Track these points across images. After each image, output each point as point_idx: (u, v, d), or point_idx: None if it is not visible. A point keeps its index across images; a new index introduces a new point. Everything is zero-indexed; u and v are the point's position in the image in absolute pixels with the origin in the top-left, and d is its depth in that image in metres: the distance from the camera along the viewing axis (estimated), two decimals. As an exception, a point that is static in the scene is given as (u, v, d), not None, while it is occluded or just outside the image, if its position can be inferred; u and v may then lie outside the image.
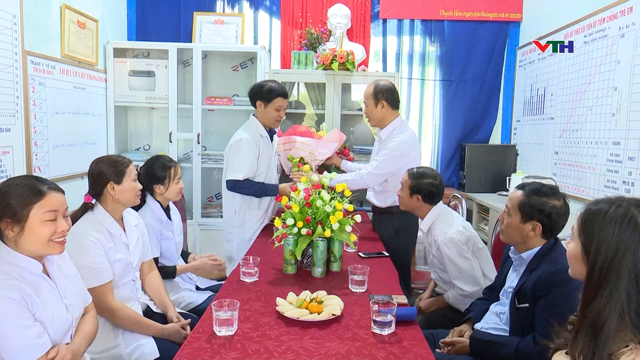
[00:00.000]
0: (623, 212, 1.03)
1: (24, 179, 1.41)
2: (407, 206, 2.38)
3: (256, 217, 2.87)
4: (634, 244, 1.00)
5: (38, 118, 2.85)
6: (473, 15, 4.16)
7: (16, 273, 1.34)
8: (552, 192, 1.69)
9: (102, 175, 1.87)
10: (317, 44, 4.00)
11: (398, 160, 2.68)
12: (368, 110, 2.80)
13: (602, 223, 1.04)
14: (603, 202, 1.08)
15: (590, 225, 1.07)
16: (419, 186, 2.30)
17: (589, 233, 1.06)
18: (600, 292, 1.01)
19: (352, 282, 1.91)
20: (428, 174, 2.34)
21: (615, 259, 1.01)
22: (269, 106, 2.78)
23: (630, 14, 2.65)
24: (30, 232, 1.35)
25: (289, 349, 1.41)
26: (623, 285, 0.99)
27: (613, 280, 1.00)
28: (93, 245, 1.78)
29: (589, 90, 3.04)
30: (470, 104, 4.28)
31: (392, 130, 2.78)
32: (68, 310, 1.45)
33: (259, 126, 2.83)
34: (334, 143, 3.17)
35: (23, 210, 1.34)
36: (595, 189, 2.93)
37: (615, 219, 1.03)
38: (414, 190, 2.31)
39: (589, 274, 1.05)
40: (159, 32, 4.16)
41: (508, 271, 1.84)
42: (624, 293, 0.98)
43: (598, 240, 1.04)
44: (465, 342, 1.78)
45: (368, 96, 2.79)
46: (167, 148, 3.82)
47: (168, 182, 2.31)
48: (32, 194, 1.36)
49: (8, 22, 2.54)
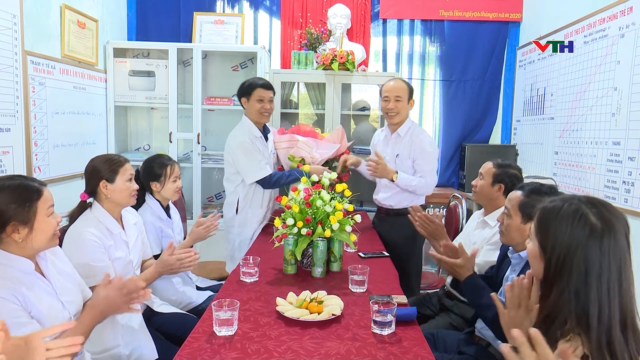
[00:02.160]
0: (575, 209, 1.06)
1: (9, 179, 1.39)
2: (485, 195, 2.29)
3: (258, 216, 2.90)
4: (585, 240, 1.03)
5: (38, 118, 2.85)
6: (473, 15, 4.16)
7: (7, 273, 1.33)
8: (552, 191, 1.69)
9: (95, 173, 1.87)
10: (317, 44, 4.00)
11: (437, 154, 2.82)
12: (401, 105, 2.75)
13: (555, 220, 1.07)
14: (557, 200, 1.11)
15: (545, 223, 1.10)
16: (505, 175, 2.23)
17: (545, 231, 1.09)
18: (555, 287, 1.04)
19: (352, 282, 1.91)
20: (513, 165, 2.31)
21: (568, 255, 1.04)
22: (251, 99, 2.83)
23: (630, 14, 2.65)
24: (39, 230, 1.37)
25: (289, 349, 1.41)
26: (574, 279, 1.02)
27: (566, 276, 1.03)
28: (93, 242, 1.78)
29: (589, 90, 3.04)
30: (470, 104, 4.28)
31: (409, 127, 2.81)
32: (64, 307, 1.45)
33: (252, 127, 2.86)
34: (336, 145, 3.15)
35: (29, 211, 1.35)
36: (595, 189, 2.93)
37: (568, 215, 1.06)
38: (498, 179, 2.24)
39: (545, 270, 1.09)
40: (159, 32, 4.15)
41: (506, 271, 1.84)
42: (573, 289, 1.02)
43: (553, 237, 1.07)
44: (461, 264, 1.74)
45: (403, 91, 2.76)
46: (167, 148, 3.82)
47: (164, 179, 2.32)
48: (31, 193, 1.37)
49: (8, 22, 2.54)
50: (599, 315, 0.99)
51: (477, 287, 1.70)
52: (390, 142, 2.87)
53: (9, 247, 1.36)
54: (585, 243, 1.03)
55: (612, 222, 1.04)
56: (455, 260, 1.75)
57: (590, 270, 1.01)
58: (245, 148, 2.78)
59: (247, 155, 2.79)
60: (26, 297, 1.33)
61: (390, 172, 2.72)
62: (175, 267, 1.87)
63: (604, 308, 0.99)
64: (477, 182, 2.34)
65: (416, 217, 2.17)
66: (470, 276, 1.72)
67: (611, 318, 0.99)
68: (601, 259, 1.01)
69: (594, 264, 1.01)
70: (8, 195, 1.34)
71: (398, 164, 2.80)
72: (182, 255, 1.88)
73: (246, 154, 2.79)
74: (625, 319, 1.00)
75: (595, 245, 1.02)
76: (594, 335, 0.98)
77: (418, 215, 2.16)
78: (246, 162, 2.80)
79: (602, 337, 0.97)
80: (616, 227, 1.04)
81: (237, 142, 2.80)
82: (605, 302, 1.00)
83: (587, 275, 1.01)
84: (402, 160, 2.80)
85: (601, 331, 0.98)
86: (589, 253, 1.02)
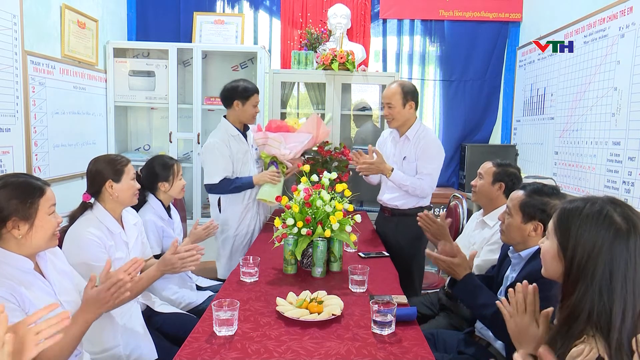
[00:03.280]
0: (598, 209, 1.06)
1: (14, 176, 1.41)
2: (485, 195, 2.28)
3: (237, 214, 2.91)
4: (610, 240, 1.03)
5: (38, 118, 2.85)
6: (473, 15, 4.16)
7: (6, 272, 1.33)
8: (554, 192, 1.69)
9: (100, 174, 1.87)
10: (317, 44, 4.00)
11: (441, 159, 2.74)
12: (395, 111, 2.71)
13: (578, 220, 1.07)
14: (578, 201, 1.11)
15: (566, 223, 1.09)
16: (505, 174, 2.24)
17: (566, 231, 1.09)
18: (578, 287, 1.04)
19: (352, 282, 1.91)
20: (512, 164, 2.30)
21: (592, 255, 1.03)
22: (247, 104, 2.84)
23: (630, 14, 2.65)
24: (39, 228, 1.38)
25: (289, 349, 1.41)
26: (597, 280, 1.02)
27: (589, 276, 1.03)
28: (93, 242, 1.78)
29: (589, 90, 3.04)
30: (470, 104, 4.28)
31: (417, 130, 2.76)
32: (63, 306, 1.44)
33: (229, 127, 2.87)
34: (309, 135, 3.04)
35: (31, 207, 1.37)
36: (595, 189, 2.93)
37: (592, 216, 1.05)
38: (498, 178, 2.24)
39: (566, 270, 1.08)
40: (159, 32, 4.15)
41: (506, 270, 1.84)
42: (597, 288, 1.01)
43: (575, 238, 1.06)
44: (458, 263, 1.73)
45: (395, 96, 2.71)
46: (167, 148, 3.82)
47: (172, 178, 2.36)
48: (34, 190, 1.39)
49: (8, 22, 2.54)
50: (622, 316, 0.98)
51: (475, 286, 1.70)
52: (398, 144, 2.83)
53: (8, 244, 1.36)
54: (612, 243, 1.02)
55: (637, 222, 1.04)
56: (453, 259, 1.74)
57: (616, 270, 1.01)
58: (211, 150, 2.81)
59: (210, 157, 2.82)
60: (24, 296, 1.32)
61: (387, 169, 2.69)
62: (177, 266, 1.84)
63: (628, 308, 0.99)
64: (477, 182, 2.33)
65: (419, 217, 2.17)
66: (468, 275, 1.72)
67: (635, 320, 0.99)
68: (627, 258, 1.01)
69: (620, 264, 1.01)
70: (11, 191, 1.35)
71: (405, 166, 2.75)
72: (184, 254, 1.84)
73: (207, 156, 2.83)
74: None
75: (621, 245, 1.02)
76: (614, 336, 0.97)
77: (420, 215, 2.16)
78: (207, 163, 2.84)
79: (623, 338, 0.97)
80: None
81: (207, 143, 2.83)
82: (629, 303, 1.00)
83: (612, 274, 1.01)
84: (409, 163, 2.75)
85: (622, 333, 0.97)
86: (616, 253, 1.02)
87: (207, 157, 2.84)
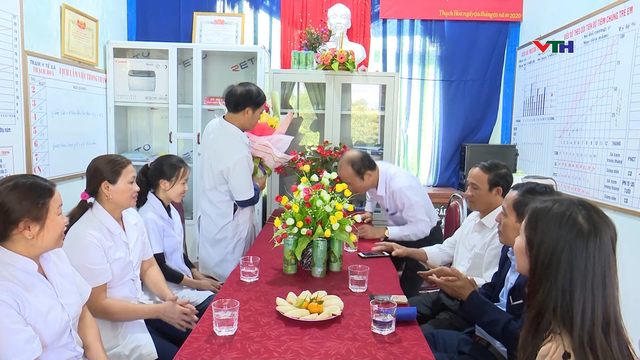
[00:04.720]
0: (564, 209, 1.09)
1: (22, 178, 1.41)
2: (484, 203, 2.26)
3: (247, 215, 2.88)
4: (571, 241, 1.05)
5: (38, 118, 2.85)
6: (473, 15, 4.16)
7: (10, 274, 1.33)
8: (547, 190, 1.70)
9: (97, 173, 1.87)
10: (317, 44, 4.00)
11: (419, 196, 2.84)
12: (354, 188, 2.70)
13: (545, 219, 1.10)
14: (549, 201, 1.14)
15: (535, 221, 1.12)
16: (499, 177, 2.23)
17: (533, 228, 1.12)
18: (542, 285, 1.07)
19: (352, 282, 1.91)
20: (499, 163, 2.29)
21: (554, 254, 1.06)
22: (257, 111, 2.72)
23: (630, 14, 2.65)
24: (50, 228, 1.40)
25: (288, 349, 1.41)
26: (560, 278, 1.04)
27: (553, 275, 1.05)
28: (93, 245, 1.77)
29: (589, 90, 3.04)
30: (470, 104, 4.28)
31: (384, 187, 2.89)
32: (64, 309, 1.45)
33: (242, 134, 2.73)
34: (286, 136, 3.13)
35: (43, 208, 1.38)
36: (595, 189, 2.93)
37: (557, 216, 1.09)
38: (494, 184, 2.23)
39: (532, 267, 1.11)
40: (159, 32, 4.15)
41: (507, 272, 1.84)
42: (560, 286, 1.04)
43: (541, 235, 1.10)
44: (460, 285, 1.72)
45: (348, 178, 2.78)
46: (167, 148, 3.82)
47: (175, 179, 2.35)
48: (44, 191, 1.39)
49: (8, 22, 2.54)
50: (582, 314, 1.01)
51: (481, 303, 1.70)
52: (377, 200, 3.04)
53: (16, 245, 1.37)
54: (572, 243, 1.05)
55: (600, 225, 1.06)
56: (455, 282, 1.74)
57: (576, 270, 1.04)
58: (243, 165, 2.66)
59: (243, 173, 2.67)
60: (26, 299, 1.32)
61: (380, 232, 2.85)
62: (175, 319, 1.91)
63: (587, 308, 1.02)
64: (472, 192, 2.31)
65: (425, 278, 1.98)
66: (473, 293, 1.73)
67: (594, 319, 1.01)
68: (586, 260, 1.04)
69: (579, 264, 1.04)
70: (21, 192, 1.36)
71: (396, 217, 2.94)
72: (186, 311, 1.94)
73: (243, 171, 2.67)
74: (608, 321, 1.02)
75: (581, 246, 1.05)
76: (576, 333, 1.00)
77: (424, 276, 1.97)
78: (242, 178, 2.68)
79: (584, 336, 1.00)
80: (603, 231, 1.06)
81: (238, 157, 2.64)
82: (589, 302, 1.02)
83: (573, 274, 1.04)
84: (396, 214, 2.93)
85: (583, 330, 1.00)
86: (575, 253, 1.04)
87: (241, 173, 2.66)
